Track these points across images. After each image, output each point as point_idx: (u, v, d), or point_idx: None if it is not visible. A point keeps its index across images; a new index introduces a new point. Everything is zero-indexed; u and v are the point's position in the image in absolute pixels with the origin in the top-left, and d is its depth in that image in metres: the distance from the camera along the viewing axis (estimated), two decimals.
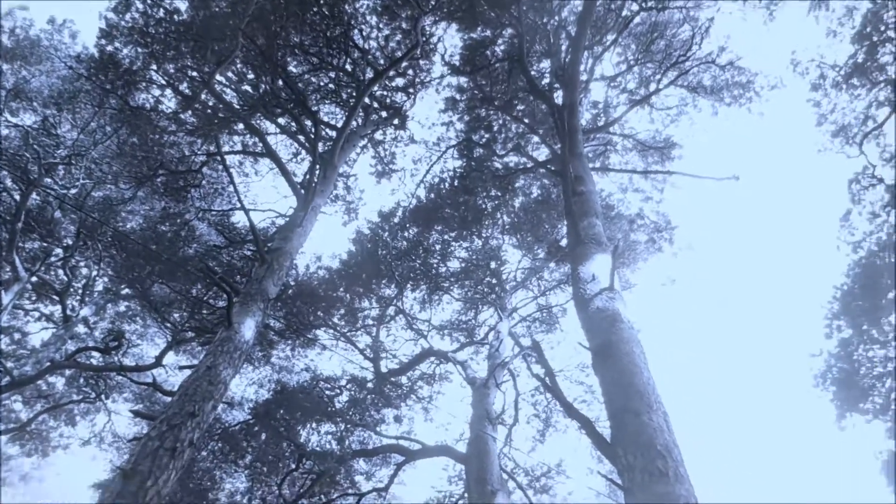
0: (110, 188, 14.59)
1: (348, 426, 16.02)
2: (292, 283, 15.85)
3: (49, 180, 13.73)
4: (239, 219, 15.69)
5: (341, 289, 16.20)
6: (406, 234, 16.63)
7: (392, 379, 16.68)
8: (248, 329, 9.81)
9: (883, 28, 15.38)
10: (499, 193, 16.28)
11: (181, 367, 13.63)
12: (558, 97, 12.61)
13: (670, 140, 17.21)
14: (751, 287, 60.07)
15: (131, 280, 14.38)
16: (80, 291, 15.71)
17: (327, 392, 15.99)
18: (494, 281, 16.91)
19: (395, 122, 16.41)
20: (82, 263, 15.71)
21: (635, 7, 14.38)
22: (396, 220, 16.51)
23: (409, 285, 16.77)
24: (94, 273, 15.71)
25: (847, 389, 18.71)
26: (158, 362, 14.39)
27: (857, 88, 16.22)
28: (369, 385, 16.26)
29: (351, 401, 16.11)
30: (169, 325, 14.85)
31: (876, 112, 16.38)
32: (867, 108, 16.37)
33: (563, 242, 15.57)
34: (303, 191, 12.98)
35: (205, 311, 15.07)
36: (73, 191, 13.88)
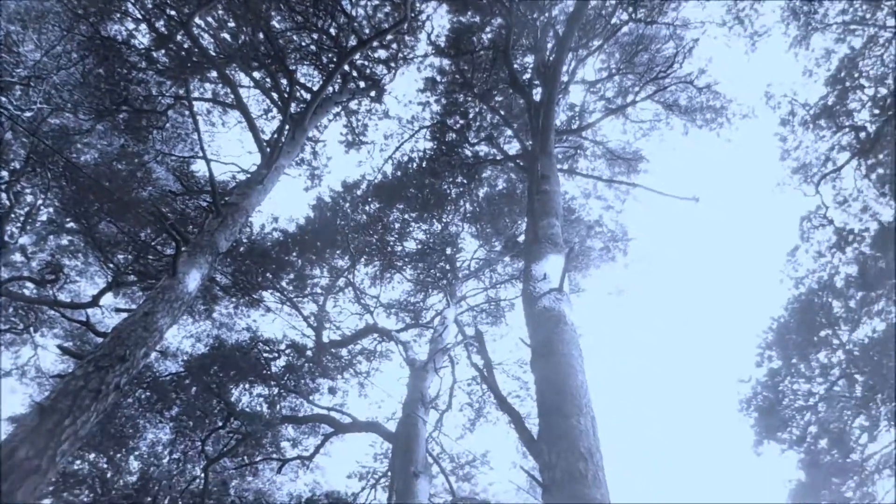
0: (68, 117, 14.02)
1: (281, 391, 15.92)
2: (245, 241, 15.58)
3: (4, 99, 13.13)
4: (199, 168, 15.31)
5: (294, 253, 16.00)
6: (367, 208, 16.51)
7: (332, 350, 16.61)
8: (192, 280, 9.61)
9: (856, 75, 15.85)
10: (465, 181, 16.27)
11: (118, 310, 13.26)
12: (537, 94, 12.64)
13: (639, 153, 17.45)
14: (697, 307, 61.64)
15: (78, 214, 13.89)
16: (21, 219, 15.12)
17: (265, 354, 15.82)
18: (448, 267, 16.93)
19: (372, 94, 16.22)
20: (28, 190, 15.10)
21: (625, 17, 14.46)
22: (360, 192, 16.35)
23: (362, 259, 16.68)
24: (40, 202, 15.12)
25: (768, 418, 19.39)
26: (95, 302, 13.99)
27: (823, 130, 16.69)
28: (308, 353, 16.15)
29: (288, 366, 15.98)
30: (111, 265, 14.43)
31: (837, 155, 16.91)
32: (829, 150, 16.88)
33: (521, 239, 15.67)
34: (268, 149, 12.73)
35: (151, 257, 14.69)
36: (29, 114, 13.30)
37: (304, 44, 15.50)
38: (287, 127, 13.02)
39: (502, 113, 14.51)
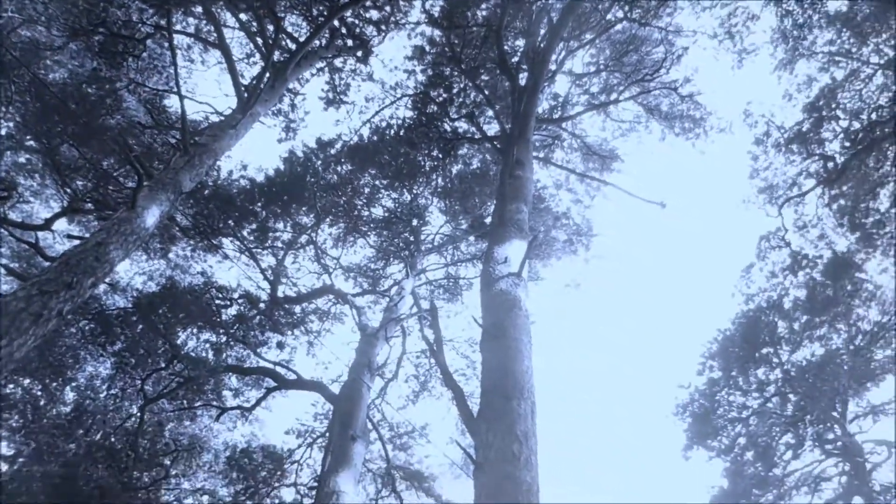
0: (41, 31, 13.49)
1: (229, 340, 15.82)
2: (210, 184, 15.30)
3: None
4: (172, 104, 14.92)
5: (259, 204, 15.79)
6: (339, 168, 16.35)
7: (286, 306, 16.53)
8: (151, 216, 9.43)
9: (834, 106, 16.20)
10: (440, 155, 16.21)
11: (70, 237, 12.91)
12: (523, 78, 12.61)
13: (615, 152, 17.61)
14: (651, 309, 62.89)
15: (39, 133, 13.44)
16: None
17: (217, 301, 15.67)
18: (412, 238, 16.93)
19: (359, 54, 15.96)
20: None
21: (620, 14, 14.48)
22: (333, 151, 16.17)
23: (328, 219, 16.56)
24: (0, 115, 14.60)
25: (701, 425, 20.02)
26: (47, 225, 13.61)
27: (794, 154, 17.07)
28: (261, 306, 16.04)
29: (239, 316, 15.87)
30: (69, 190, 14.02)
31: (803, 181, 17.33)
32: (797, 175, 17.28)
33: (488, 220, 15.73)
34: (246, 95, 12.48)
35: (111, 187, 14.32)
36: None
37: None
38: (268, 75, 12.76)
39: (486, 93, 14.45)
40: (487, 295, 7.59)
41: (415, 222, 16.77)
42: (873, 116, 15.94)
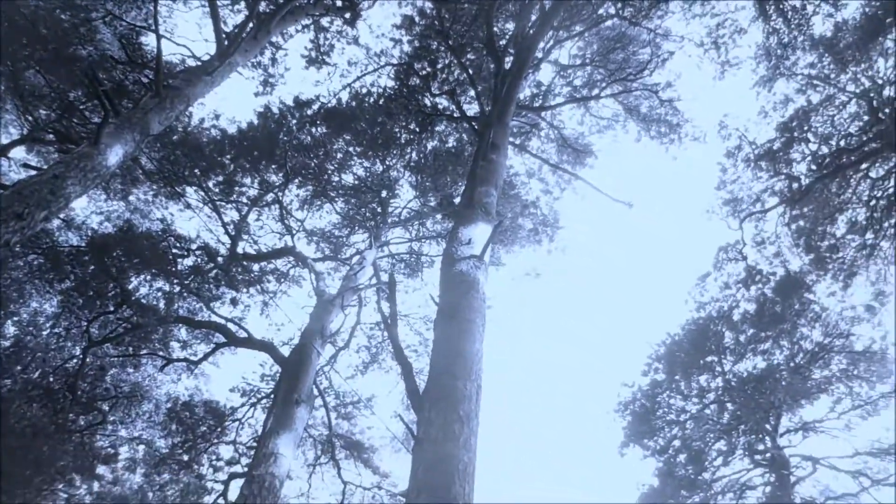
0: None
1: (183, 291, 15.55)
2: (180, 130, 14.91)
3: None
4: (148, 42, 14.39)
5: (228, 156, 15.47)
6: (314, 130, 16.10)
7: (244, 263, 16.31)
8: (114, 155, 9.16)
9: (806, 128, 16.56)
10: (417, 129, 16.10)
11: (26, 166, 12.44)
12: (508, 62, 12.56)
13: (590, 147, 17.73)
14: (605, 307, 63.96)
15: (4, 55, 12.89)
16: None
17: (174, 250, 15.37)
18: (379, 210, 16.82)
19: (347, 15, 15.67)
20: None
21: (612, 11, 14.51)
22: (310, 112, 15.90)
23: (296, 180, 16.33)
24: None
25: (640, 424, 20.53)
26: (4, 152, 13.14)
27: (761, 171, 17.42)
28: (219, 260, 15.80)
29: (195, 268, 15.61)
30: (30, 118, 13.52)
31: (767, 198, 17.73)
32: (762, 192, 17.67)
33: (457, 200, 15.72)
34: (226, 42, 12.14)
35: (75, 120, 13.85)
36: None
37: None
38: (251, 24, 12.44)
39: (470, 72, 14.34)
40: (447, 274, 7.60)
41: (384, 193, 16.66)
42: (842, 143, 16.35)
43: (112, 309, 15.06)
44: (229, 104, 15.87)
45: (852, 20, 14.64)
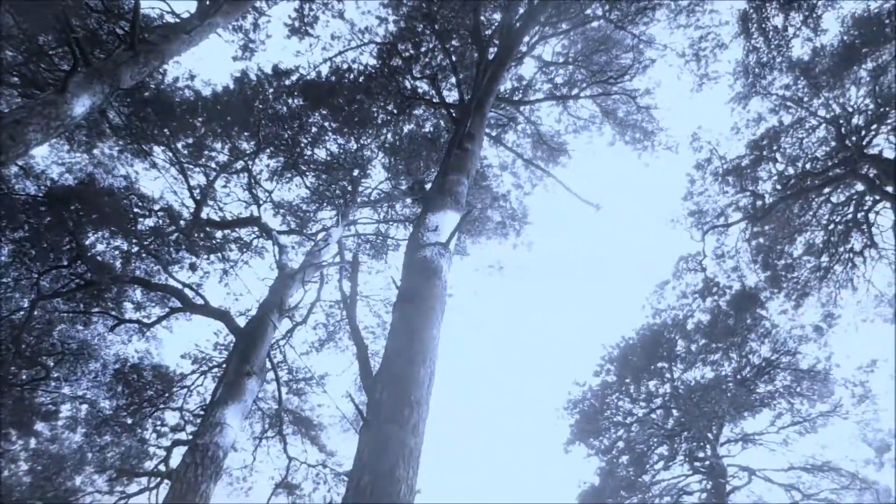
0: None
1: (141, 252, 15.22)
2: (153, 87, 14.52)
3: None
4: None
5: (200, 119, 15.14)
6: (291, 101, 15.84)
7: (207, 229, 16.03)
8: (80, 105, 8.89)
9: (775, 148, 16.92)
10: (395, 111, 15.98)
11: None
12: (491, 53, 12.54)
13: (565, 146, 17.83)
14: (564, 305, 64.75)
15: None
16: None
17: (136, 209, 15.02)
18: (350, 188, 16.69)
19: None
20: None
21: (599, 12, 14.57)
22: (288, 83, 15.64)
23: (268, 150, 16.08)
24: None
25: (587, 423, 20.89)
26: None
27: (728, 186, 17.77)
28: (182, 223, 15.50)
29: (155, 229, 15.28)
30: None
31: (731, 213, 18.10)
32: (726, 206, 18.02)
33: (428, 186, 15.67)
34: (208, 2, 11.88)
35: (43, 66, 13.38)
36: None
37: None
38: None
39: (453, 59, 14.27)
40: (411, 259, 7.60)
41: (356, 172, 16.53)
42: (807, 166, 16.77)
43: (65, 263, 14.66)
44: (206, 65, 15.49)
45: (830, 46, 14.98)
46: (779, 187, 17.10)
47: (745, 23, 15.06)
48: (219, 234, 16.57)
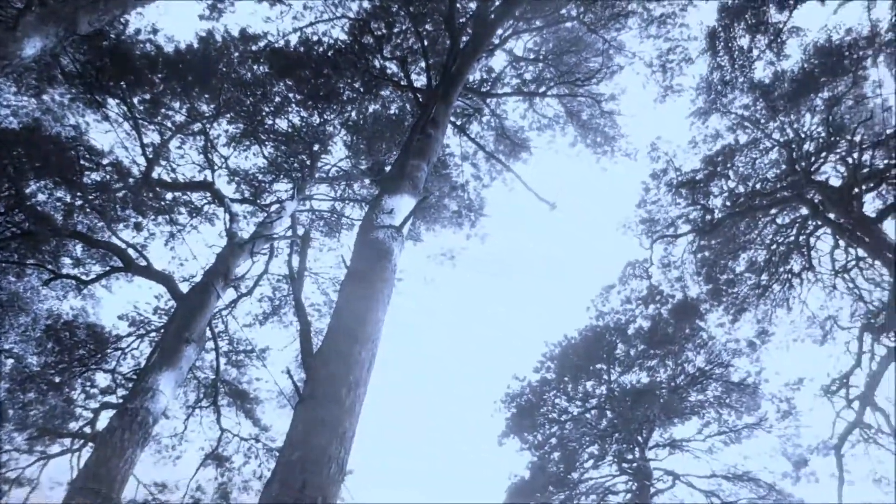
0: None
1: (85, 206, 14.70)
2: (112, 36, 13.97)
3: None
4: None
5: (160, 75, 14.66)
6: (256, 68, 15.49)
7: (157, 189, 15.58)
8: (31, 46, 8.49)
9: (728, 166, 17.38)
10: (361, 90, 15.80)
11: None
12: (463, 41, 12.51)
13: (527, 142, 17.95)
14: (509, 300, 65.42)
15: None
16: None
17: (83, 162, 14.47)
18: (308, 162, 16.45)
19: None
20: None
21: (574, 13, 14.67)
22: (255, 49, 15.27)
23: (228, 115, 15.71)
24: None
25: (523, 418, 21.16)
26: None
27: (681, 198, 18.18)
28: (131, 181, 15.02)
29: (102, 184, 14.76)
30: None
31: (681, 224, 18.55)
32: (677, 218, 18.46)
33: (388, 168, 15.58)
34: None
35: None
36: None
37: None
38: None
39: (425, 43, 14.15)
40: (363, 240, 7.58)
41: (316, 147, 16.30)
42: (758, 186, 17.29)
43: (2, 211, 14.05)
44: (170, 21, 14.92)
45: (791, 72, 15.43)
46: (728, 204, 17.60)
47: (712, 40, 15.39)
48: (169, 195, 16.13)
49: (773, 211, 17.58)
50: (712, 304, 19.03)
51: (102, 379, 16.57)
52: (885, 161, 15.75)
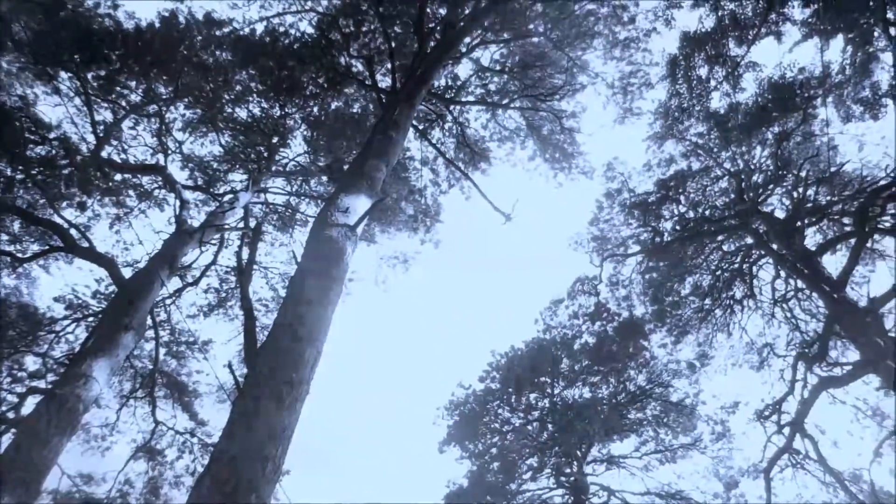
0: None
1: (26, 180, 14.11)
2: (69, 7, 13.46)
3: None
4: None
5: (117, 52, 14.20)
6: (219, 53, 15.17)
7: (106, 169, 15.07)
8: None
9: (680, 191, 17.83)
10: (325, 85, 15.65)
11: None
12: (431, 46, 12.53)
13: (487, 153, 18.06)
14: (459, 309, 65.63)
15: None
16: None
17: (28, 134, 13.87)
18: (266, 154, 16.20)
19: None
20: None
21: (541, 29, 14.86)
22: (219, 34, 14.96)
23: (186, 99, 15.33)
24: None
25: (466, 426, 21.19)
26: None
27: (633, 219, 18.56)
28: (78, 159, 14.48)
29: (47, 159, 14.19)
30: None
31: (632, 245, 18.94)
32: (628, 238, 18.84)
33: (347, 167, 15.45)
34: None
35: None
36: None
37: None
38: None
39: (393, 45, 14.13)
40: (316, 236, 7.49)
41: (275, 140, 16.06)
42: (707, 213, 17.77)
43: None
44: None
45: (745, 105, 15.94)
46: (678, 228, 18.04)
47: (673, 67, 15.79)
48: (118, 176, 15.63)
49: (720, 238, 18.10)
50: (656, 324, 19.43)
51: (32, 363, 15.91)
52: (828, 198, 16.40)
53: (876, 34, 14.21)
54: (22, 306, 16.00)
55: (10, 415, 14.11)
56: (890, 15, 13.78)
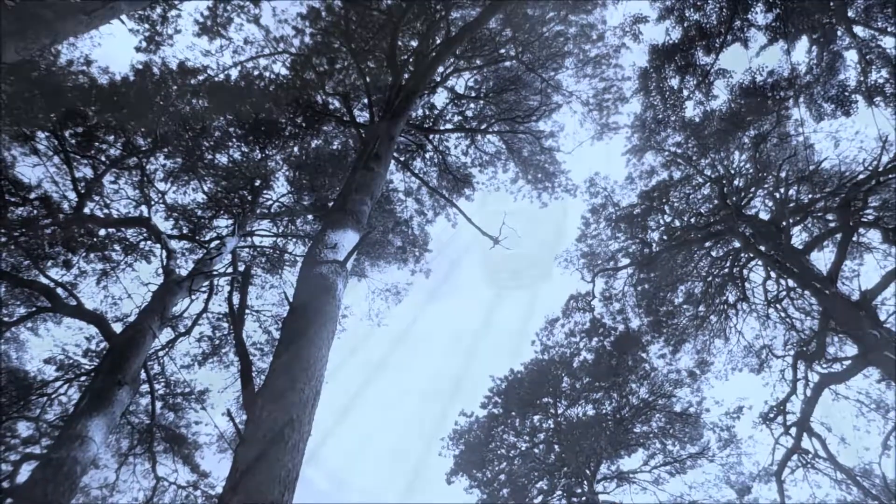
0: None
1: (9, 241, 13.99)
2: (43, 67, 13.51)
3: None
4: None
5: (93, 108, 14.23)
6: (195, 101, 15.22)
7: (89, 225, 14.99)
8: None
9: (664, 201, 17.95)
10: (303, 125, 15.73)
11: None
12: (405, 78, 12.64)
13: (470, 178, 18.15)
14: (456, 334, 65.31)
15: None
16: None
17: (7, 196, 13.81)
18: (250, 198, 16.18)
19: None
20: None
21: (513, 52, 15.05)
22: (194, 83, 15.04)
23: (166, 150, 15.33)
24: None
25: (472, 454, 20.93)
26: None
27: (620, 232, 18.64)
28: (61, 217, 14.40)
29: (29, 220, 14.09)
30: None
31: (621, 258, 18.97)
32: (617, 251, 18.89)
33: (331, 204, 15.45)
34: None
35: None
36: None
37: None
38: None
39: (367, 79, 14.26)
40: (306, 275, 7.43)
41: (258, 183, 16.05)
42: (692, 220, 17.88)
43: None
44: (105, 52, 14.55)
45: (719, 112, 16.15)
46: (665, 237, 18.12)
47: (644, 80, 16.01)
48: (102, 231, 15.54)
49: (708, 244, 18.20)
50: (653, 335, 19.41)
51: (25, 428, 15.59)
52: (810, 196, 16.56)
53: (839, 33, 14.51)
54: (12, 371, 15.74)
55: (6, 484, 13.77)
56: (851, 13, 14.09)
